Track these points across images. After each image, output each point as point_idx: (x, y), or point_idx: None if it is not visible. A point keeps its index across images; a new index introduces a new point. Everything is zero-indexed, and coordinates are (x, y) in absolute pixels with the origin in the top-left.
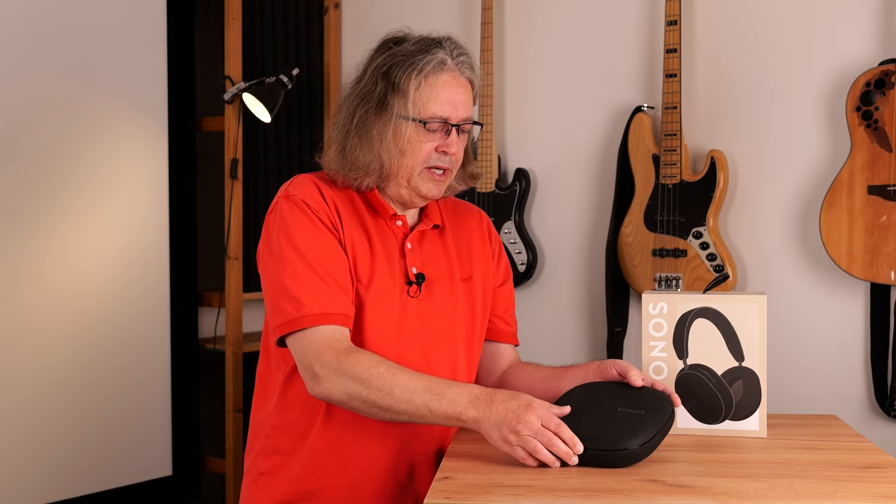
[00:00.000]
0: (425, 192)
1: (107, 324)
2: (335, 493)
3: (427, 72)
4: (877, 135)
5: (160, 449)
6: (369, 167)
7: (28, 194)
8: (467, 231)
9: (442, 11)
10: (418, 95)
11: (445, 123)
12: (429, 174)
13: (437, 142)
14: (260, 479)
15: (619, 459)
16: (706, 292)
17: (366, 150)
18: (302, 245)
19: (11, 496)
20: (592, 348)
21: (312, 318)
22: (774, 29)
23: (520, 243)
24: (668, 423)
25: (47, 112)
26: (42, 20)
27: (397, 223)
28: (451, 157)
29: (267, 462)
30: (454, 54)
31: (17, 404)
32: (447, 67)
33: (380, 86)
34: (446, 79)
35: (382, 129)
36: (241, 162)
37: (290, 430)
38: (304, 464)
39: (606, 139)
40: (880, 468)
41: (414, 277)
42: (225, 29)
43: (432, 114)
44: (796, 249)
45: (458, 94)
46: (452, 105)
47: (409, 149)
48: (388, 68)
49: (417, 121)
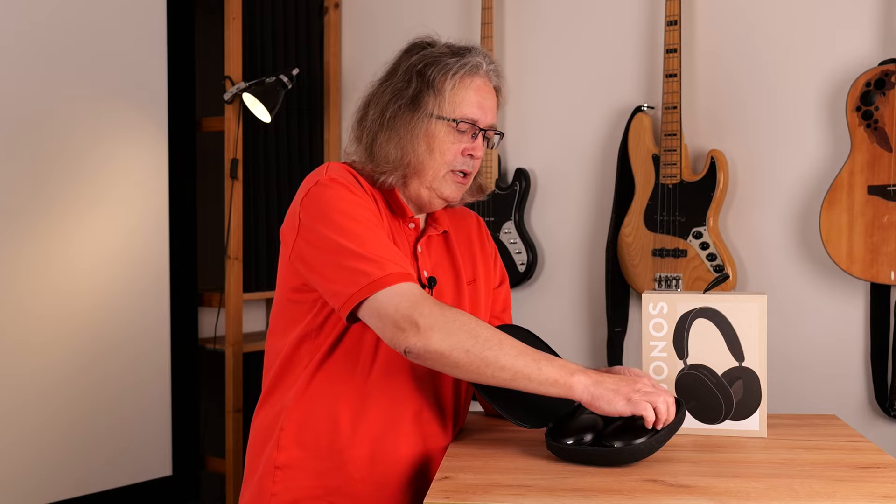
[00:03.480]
0: (447, 195)
1: (107, 324)
2: (363, 489)
3: (462, 74)
4: (877, 135)
5: (160, 449)
6: (397, 162)
7: (28, 194)
8: (467, 234)
9: (442, 11)
10: (453, 95)
11: (474, 126)
12: (452, 177)
13: (465, 144)
14: (277, 472)
15: (623, 455)
16: (706, 292)
17: (394, 146)
18: (358, 215)
19: (12, 496)
20: (592, 348)
21: (397, 276)
22: (774, 29)
23: (520, 243)
24: (678, 420)
25: (47, 112)
26: (42, 21)
27: (410, 226)
28: (474, 162)
29: (285, 455)
30: (487, 61)
31: (17, 404)
32: (481, 72)
33: (414, 84)
34: (479, 83)
35: (414, 125)
36: (241, 162)
37: (315, 422)
38: (331, 457)
39: (606, 139)
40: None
41: (426, 280)
42: (225, 29)
43: (464, 114)
44: (796, 249)
45: (488, 98)
46: (482, 109)
47: (438, 148)
48: (423, 66)
49: (449, 120)
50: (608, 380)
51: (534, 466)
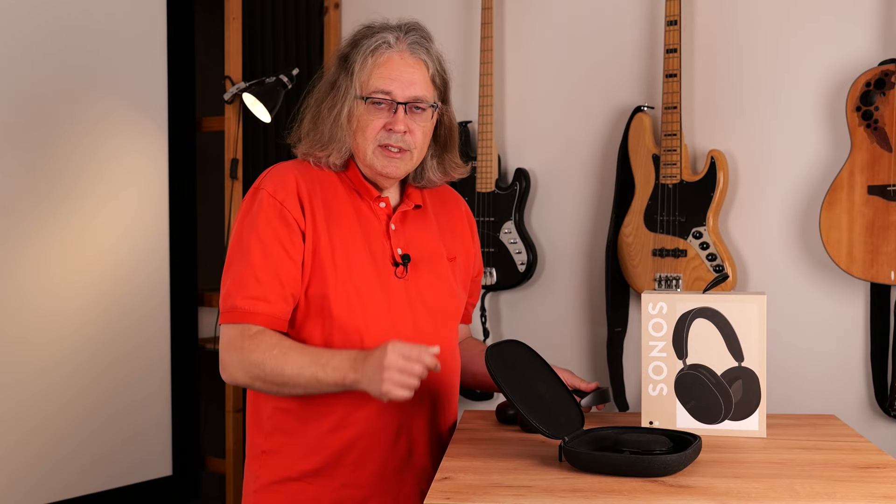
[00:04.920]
0: (381, 170)
1: (107, 323)
2: (339, 471)
3: (371, 50)
4: (877, 135)
5: (160, 449)
6: (327, 141)
7: (28, 194)
8: (450, 214)
9: (442, 11)
10: (363, 72)
11: (390, 101)
12: (382, 151)
13: (385, 119)
14: (262, 456)
15: (654, 465)
16: (706, 292)
17: (321, 127)
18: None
19: (12, 496)
20: (592, 348)
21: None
22: (774, 29)
23: (520, 243)
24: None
25: (47, 112)
26: (42, 21)
27: (381, 205)
28: (403, 137)
29: (269, 441)
30: (405, 34)
31: (17, 404)
32: (392, 47)
33: (336, 69)
34: (390, 55)
35: (339, 109)
36: (241, 162)
37: (291, 411)
38: (308, 443)
39: (606, 139)
40: (880, 468)
41: (400, 258)
42: (225, 29)
43: (374, 88)
44: (796, 249)
45: (404, 71)
46: (396, 81)
47: (359, 126)
48: (344, 51)
49: (361, 98)
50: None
51: (534, 467)
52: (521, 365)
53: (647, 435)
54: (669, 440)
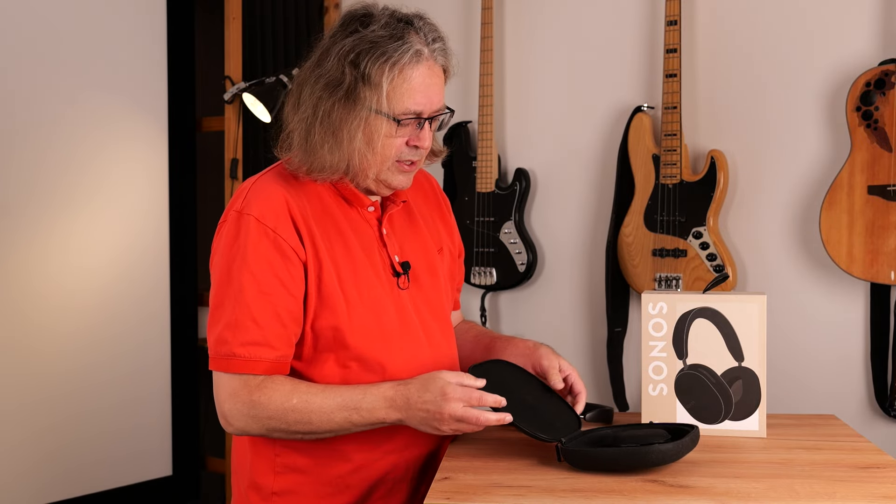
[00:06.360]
0: (395, 185)
1: (107, 324)
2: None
3: (402, 64)
4: (877, 135)
5: (160, 449)
6: (337, 167)
7: (28, 194)
8: (426, 198)
9: (442, 11)
10: (392, 90)
11: (418, 118)
12: (398, 167)
13: (409, 136)
14: (274, 498)
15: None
16: (706, 292)
17: (334, 150)
18: (260, 278)
19: (12, 496)
20: (592, 348)
21: (240, 364)
22: (774, 29)
23: (520, 243)
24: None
25: (47, 112)
26: (42, 20)
27: (370, 209)
28: (421, 151)
29: (281, 481)
30: (429, 40)
31: (17, 404)
32: (423, 58)
33: (348, 76)
34: (422, 71)
35: (353, 125)
36: (241, 162)
37: (303, 447)
38: (328, 482)
39: (606, 139)
40: (880, 468)
41: (400, 267)
42: (225, 29)
43: (406, 109)
44: (796, 249)
45: (433, 85)
46: (428, 98)
47: (380, 143)
48: (356, 56)
49: (391, 118)
50: (416, 415)
51: (534, 467)
52: (507, 381)
53: (645, 430)
54: (667, 432)
